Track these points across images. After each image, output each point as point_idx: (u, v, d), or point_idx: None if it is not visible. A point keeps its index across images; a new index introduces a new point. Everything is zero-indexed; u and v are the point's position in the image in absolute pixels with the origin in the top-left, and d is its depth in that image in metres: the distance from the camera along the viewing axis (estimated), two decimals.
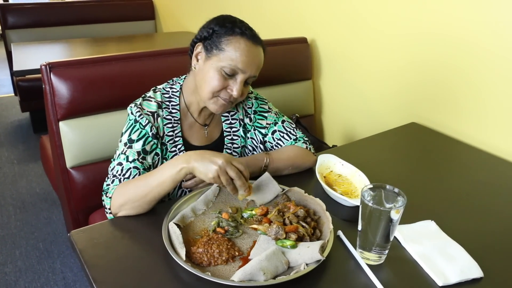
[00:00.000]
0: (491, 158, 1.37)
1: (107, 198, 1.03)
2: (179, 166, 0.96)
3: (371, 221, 0.82)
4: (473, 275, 0.83)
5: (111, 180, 1.07)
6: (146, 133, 1.10)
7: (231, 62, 1.05)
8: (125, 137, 1.10)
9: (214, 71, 1.07)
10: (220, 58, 1.06)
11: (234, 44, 1.06)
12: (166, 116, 1.16)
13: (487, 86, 1.39)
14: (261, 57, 1.11)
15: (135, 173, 1.06)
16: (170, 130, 1.16)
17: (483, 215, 1.06)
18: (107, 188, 1.06)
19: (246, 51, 1.06)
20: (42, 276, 1.92)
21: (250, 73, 1.08)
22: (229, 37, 1.06)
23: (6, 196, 2.54)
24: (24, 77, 3.08)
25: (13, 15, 3.41)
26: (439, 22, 1.48)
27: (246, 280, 0.78)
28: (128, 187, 1.01)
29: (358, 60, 1.85)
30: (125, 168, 1.06)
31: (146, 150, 1.10)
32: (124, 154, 1.08)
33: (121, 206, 1.00)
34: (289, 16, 2.22)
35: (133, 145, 1.09)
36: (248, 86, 1.15)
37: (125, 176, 1.06)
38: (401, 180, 1.23)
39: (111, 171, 1.08)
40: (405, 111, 1.70)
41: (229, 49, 1.06)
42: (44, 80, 1.38)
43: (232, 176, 0.95)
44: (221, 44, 1.07)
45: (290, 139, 1.25)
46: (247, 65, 1.06)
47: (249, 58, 1.06)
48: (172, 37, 3.39)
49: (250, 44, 1.07)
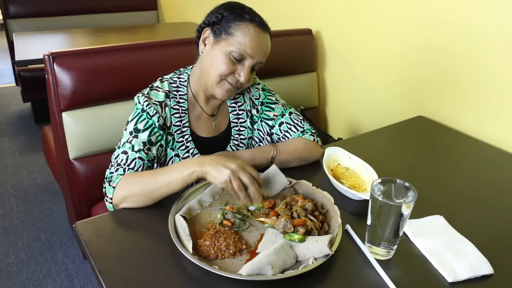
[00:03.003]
0: (500, 153, 1.35)
1: (110, 187, 1.01)
2: (192, 169, 0.95)
3: (381, 215, 0.81)
4: (483, 271, 0.82)
5: (115, 169, 1.05)
6: (153, 124, 1.09)
7: (240, 46, 1.06)
8: (131, 126, 1.09)
9: (223, 55, 1.07)
10: (229, 42, 1.07)
11: (243, 29, 1.06)
12: (173, 106, 1.15)
13: (497, 80, 1.37)
14: (268, 44, 1.12)
15: (140, 164, 1.05)
16: (178, 120, 1.15)
17: (493, 211, 1.05)
18: (111, 176, 1.04)
19: (255, 37, 1.06)
20: (44, 267, 1.91)
21: (258, 59, 1.09)
22: (239, 23, 1.07)
23: (8, 187, 2.53)
24: (25, 67, 3.07)
25: (14, 5, 3.39)
26: (447, 14, 1.45)
27: (254, 274, 0.77)
28: (135, 180, 0.99)
29: (364, 53, 1.83)
30: (130, 158, 1.05)
31: (152, 141, 1.09)
32: (129, 143, 1.06)
33: (124, 198, 0.99)
34: (294, 7, 2.19)
35: (139, 135, 1.07)
36: (254, 72, 1.15)
37: (129, 166, 1.04)
38: (409, 174, 1.21)
39: (115, 159, 1.07)
40: (412, 105, 1.68)
41: (238, 34, 1.06)
42: (47, 70, 1.36)
43: (244, 182, 0.93)
44: (230, 29, 1.07)
45: (298, 131, 1.24)
46: (255, 50, 1.07)
47: (258, 43, 1.07)
48: (174, 28, 3.36)
49: (259, 30, 1.08)
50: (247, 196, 0.94)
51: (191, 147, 1.17)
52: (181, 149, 1.16)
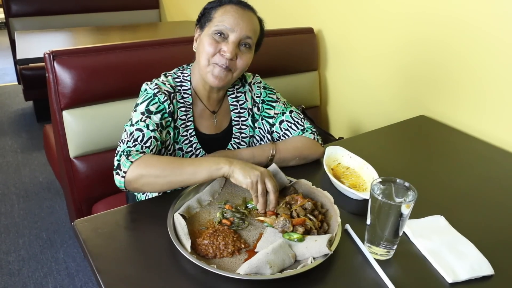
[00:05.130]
0: (502, 153, 1.35)
1: (128, 160, 0.97)
2: (221, 164, 0.96)
3: (380, 215, 0.81)
4: (484, 272, 0.82)
5: (133, 144, 1.01)
6: (164, 108, 1.09)
7: (218, 24, 1.08)
8: (143, 107, 1.07)
9: (207, 38, 1.10)
10: (210, 26, 1.10)
11: (221, 10, 1.10)
12: (179, 99, 1.15)
13: (500, 81, 1.36)
14: (253, 19, 1.12)
15: (154, 145, 1.04)
16: (183, 114, 1.16)
17: (494, 211, 1.04)
18: (129, 150, 1.00)
19: (233, 12, 1.08)
20: (45, 266, 1.91)
21: (241, 32, 1.08)
22: (217, 8, 1.11)
23: (10, 185, 2.54)
24: (27, 66, 3.07)
25: (16, 3, 3.40)
26: (449, 13, 1.45)
27: (252, 273, 0.76)
28: (158, 161, 0.97)
29: (365, 52, 1.82)
30: (146, 136, 1.03)
31: (163, 124, 1.08)
32: (143, 122, 1.05)
33: (141, 176, 0.96)
34: (296, 6, 2.19)
35: (152, 116, 1.06)
36: (248, 51, 1.12)
37: (146, 145, 1.02)
38: (410, 174, 1.20)
39: (130, 135, 1.03)
40: (413, 104, 1.67)
41: (217, 15, 1.10)
42: (47, 68, 1.36)
43: (268, 189, 0.94)
44: (210, 16, 1.11)
45: (298, 129, 1.23)
46: (235, 23, 1.07)
47: (237, 18, 1.08)
48: (176, 27, 3.36)
49: (237, 7, 1.10)
50: (265, 203, 0.95)
51: (195, 141, 1.17)
52: (185, 143, 1.16)
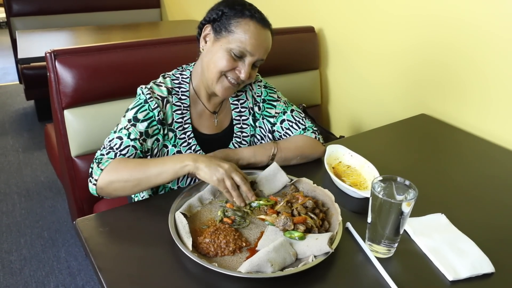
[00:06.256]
0: (502, 151, 1.34)
1: (98, 168, 1.00)
2: (185, 162, 0.96)
3: (381, 213, 0.81)
4: (485, 270, 0.82)
5: (107, 151, 1.05)
6: (153, 116, 1.09)
7: (240, 44, 1.05)
8: (131, 114, 1.08)
9: (223, 51, 1.07)
10: (229, 40, 1.06)
11: (243, 26, 1.06)
12: (175, 102, 1.15)
13: (501, 79, 1.36)
14: (269, 40, 1.11)
15: (132, 153, 1.05)
16: (180, 117, 1.15)
17: (495, 209, 1.04)
18: (101, 158, 1.04)
19: (255, 34, 1.06)
20: (47, 265, 1.92)
21: (259, 56, 1.08)
22: (239, 19, 1.06)
23: (11, 184, 2.54)
24: (29, 65, 3.07)
25: (17, 3, 3.40)
26: (449, 12, 1.44)
27: (254, 271, 0.76)
28: (125, 166, 0.99)
29: (366, 50, 1.82)
30: (124, 144, 1.05)
31: (148, 133, 1.09)
32: (126, 130, 1.06)
33: (111, 182, 0.98)
34: (297, 4, 2.19)
35: (138, 124, 1.07)
36: (256, 69, 1.14)
37: (122, 152, 1.04)
38: (411, 172, 1.20)
39: (108, 142, 1.06)
40: (414, 103, 1.67)
41: (238, 31, 1.06)
42: (49, 68, 1.37)
43: (237, 181, 0.96)
44: (230, 26, 1.07)
45: (299, 128, 1.23)
46: (256, 48, 1.06)
47: (258, 41, 1.06)
48: (177, 26, 3.36)
49: (260, 27, 1.07)
50: (240, 195, 0.96)
51: (193, 143, 1.17)
52: (183, 146, 1.16)
